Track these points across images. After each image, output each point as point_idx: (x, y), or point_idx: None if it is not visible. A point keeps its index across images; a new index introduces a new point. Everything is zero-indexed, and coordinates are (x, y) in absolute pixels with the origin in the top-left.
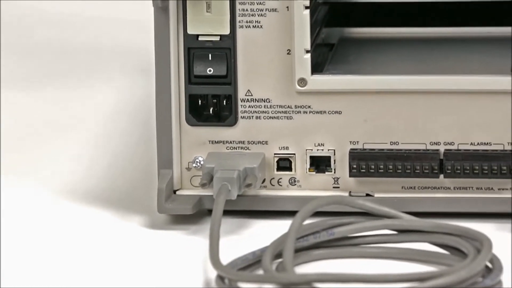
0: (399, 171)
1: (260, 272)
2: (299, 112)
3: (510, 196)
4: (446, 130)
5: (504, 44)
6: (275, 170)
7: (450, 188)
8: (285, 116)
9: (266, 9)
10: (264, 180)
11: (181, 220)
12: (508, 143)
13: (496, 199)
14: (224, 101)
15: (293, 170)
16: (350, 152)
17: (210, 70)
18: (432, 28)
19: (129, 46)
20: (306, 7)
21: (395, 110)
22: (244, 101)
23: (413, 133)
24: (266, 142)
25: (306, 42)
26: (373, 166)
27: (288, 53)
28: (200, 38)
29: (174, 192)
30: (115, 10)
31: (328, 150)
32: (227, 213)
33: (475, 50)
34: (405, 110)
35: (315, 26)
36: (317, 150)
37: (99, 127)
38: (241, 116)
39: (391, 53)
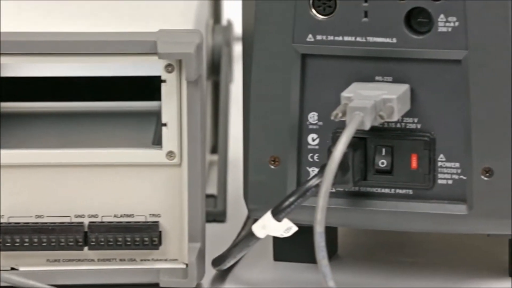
0: (44, 244)
1: None
2: None
3: (153, 267)
4: (90, 202)
5: (145, 118)
6: None
7: (94, 260)
8: None
9: None
10: None
11: None
12: (150, 214)
13: (139, 269)
14: None
15: None
16: None
17: None
18: (78, 102)
19: None
20: None
21: (40, 183)
22: None
23: (58, 206)
24: None
25: None
26: (18, 240)
27: None
28: None
29: None
30: None
31: None
32: None
33: (118, 123)
34: (50, 183)
35: None
36: None
37: None
38: None
39: (36, 127)
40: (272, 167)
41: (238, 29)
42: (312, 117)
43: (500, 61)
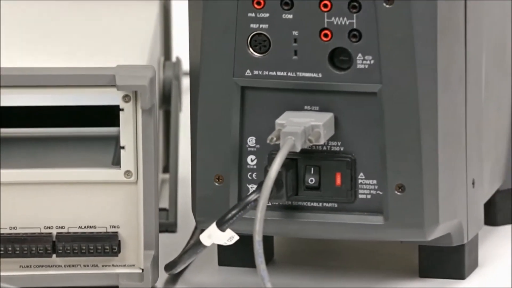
0: (17, 252)
1: None
2: None
3: (113, 271)
4: (58, 215)
5: (105, 142)
6: None
7: (61, 266)
8: None
9: None
10: None
11: None
12: (111, 226)
13: (101, 274)
14: None
15: None
16: None
17: None
18: (47, 128)
19: None
20: None
21: (13, 199)
22: None
23: (29, 219)
24: None
25: None
26: None
27: None
28: None
29: None
30: None
31: None
32: None
33: (82, 146)
34: (22, 199)
35: None
36: None
37: None
38: None
39: (10, 150)
40: (217, 184)
41: (186, 65)
42: (251, 141)
43: (409, 93)
